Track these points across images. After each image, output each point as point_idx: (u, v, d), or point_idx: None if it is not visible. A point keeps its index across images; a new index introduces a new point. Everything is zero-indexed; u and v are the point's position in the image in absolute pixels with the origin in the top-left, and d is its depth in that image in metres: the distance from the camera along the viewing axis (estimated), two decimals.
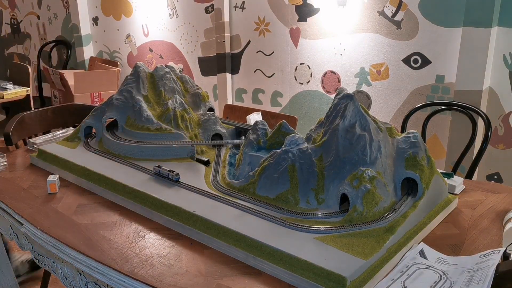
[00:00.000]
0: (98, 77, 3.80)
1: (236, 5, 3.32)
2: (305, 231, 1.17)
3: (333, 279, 1.01)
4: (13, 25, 5.14)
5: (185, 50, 3.72)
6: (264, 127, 1.51)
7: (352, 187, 1.19)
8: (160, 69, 1.87)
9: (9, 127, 2.01)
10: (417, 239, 1.20)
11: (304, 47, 3.04)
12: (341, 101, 1.34)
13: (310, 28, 2.98)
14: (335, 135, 1.29)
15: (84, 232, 1.27)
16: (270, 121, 2.32)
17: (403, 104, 2.71)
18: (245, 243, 1.15)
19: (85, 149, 1.72)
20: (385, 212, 1.20)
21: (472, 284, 0.99)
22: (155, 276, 1.08)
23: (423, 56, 2.59)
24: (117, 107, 1.77)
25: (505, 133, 2.48)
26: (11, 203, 1.44)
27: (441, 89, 2.59)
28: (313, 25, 2.96)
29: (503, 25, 2.34)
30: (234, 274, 1.09)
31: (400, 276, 1.05)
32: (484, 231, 1.26)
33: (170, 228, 1.29)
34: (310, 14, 2.96)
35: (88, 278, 1.21)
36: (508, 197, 1.44)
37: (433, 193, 1.30)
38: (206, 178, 1.47)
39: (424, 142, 1.34)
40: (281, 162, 1.30)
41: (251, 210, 1.26)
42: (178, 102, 1.76)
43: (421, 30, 2.57)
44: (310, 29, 2.98)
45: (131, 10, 4.00)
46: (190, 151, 1.61)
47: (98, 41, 4.40)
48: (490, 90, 2.46)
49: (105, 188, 1.47)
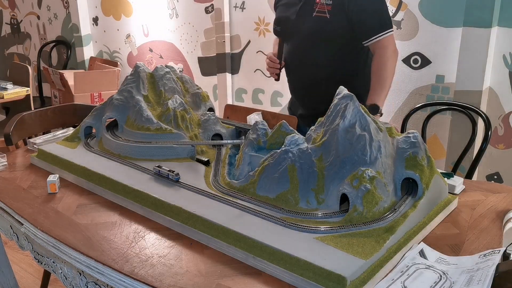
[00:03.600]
0: (98, 77, 3.80)
1: (236, 5, 3.32)
2: (305, 231, 1.17)
3: (333, 279, 1.01)
4: (13, 25, 5.14)
5: (185, 50, 3.72)
6: (264, 127, 1.50)
7: (352, 187, 1.19)
8: (160, 69, 1.86)
9: (9, 127, 2.01)
10: (417, 239, 1.20)
11: None
12: (341, 101, 1.34)
13: None
14: (335, 135, 1.29)
15: (84, 232, 1.27)
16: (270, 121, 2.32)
17: (403, 104, 2.71)
18: (245, 243, 1.15)
19: (85, 149, 1.72)
20: (385, 212, 1.20)
21: (472, 284, 0.99)
22: (155, 276, 1.08)
23: (423, 56, 2.59)
24: (117, 107, 1.77)
25: (505, 133, 2.48)
26: (11, 203, 1.44)
27: (441, 89, 2.59)
28: None
29: (503, 25, 2.34)
30: (234, 274, 1.09)
31: (400, 276, 1.05)
32: (484, 231, 1.26)
33: (170, 228, 1.29)
34: None
35: (88, 278, 1.21)
36: (508, 197, 1.44)
37: (433, 193, 1.30)
38: (206, 178, 1.47)
39: (424, 142, 1.34)
40: (281, 162, 1.30)
41: (251, 210, 1.26)
42: (178, 102, 1.76)
43: (421, 30, 2.56)
44: None
45: (131, 10, 4.00)
46: (190, 151, 1.61)
47: (98, 41, 4.39)
48: (490, 90, 2.46)
49: (105, 188, 1.47)
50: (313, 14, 1.83)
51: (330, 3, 1.79)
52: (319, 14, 1.81)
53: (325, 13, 1.80)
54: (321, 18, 1.81)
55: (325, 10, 1.79)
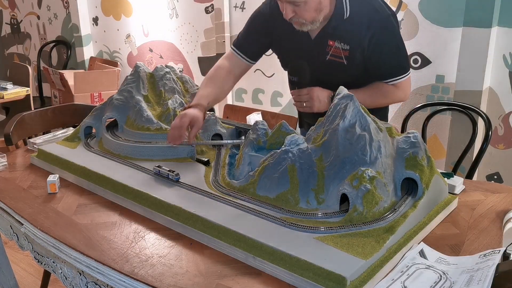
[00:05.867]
0: (98, 77, 3.80)
1: (236, 5, 3.32)
2: (305, 231, 1.17)
3: (333, 279, 1.01)
4: (13, 25, 5.14)
5: (185, 50, 3.72)
6: (264, 127, 1.50)
7: (352, 187, 1.19)
8: (160, 69, 1.87)
9: (9, 127, 2.01)
10: (417, 239, 1.20)
11: None
12: (341, 101, 1.34)
13: None
14: (335, 135, 1.29)
15: (84, 232, 1.27)
16: (270, 121, 2.32)
17: (403, 104, 2.71)
18: (245, 243, 1.15)
19: (85, 149, 1.72)
20: (385, 212, 1.20)
21: (472, 284, 0.99)
22: (155, 276, 1.08)
23: (423, 56, 2.59)
24: (117, 107, 1.77)
25: (505, 133, 2.48)
26: (11, 203, 1.44)
27: (441, 89, 2.59)
28: None
29: (503, 25, 2.34)
30: (234, 274, 1.09)
31: (400, 276, 1.05)
32: (484, 231, 1.26)
33: (170, 228, 1.29)
34: None
35: (88, 278, 1.21)
36: (508, 197, 1.44)
37: (433, 193, 1.30)
38: (206, 178, 1.47)
39: (424, 142, 1.34)
40: (281, 162, 1.30)
41: (251, 210, 1.26)
42: (178, 102, 1.76)
43: (421, 30, 2.57)
44: None
45: (131, 10, 4.00)
46: (190, 151, 1.61)
47: (98, 41, 4.40)
48: (490, 90, 2.46)
49: (105, 188, 1.47)
50: (327, 58, 1.66)
51: (348, 48, 1.62)
52: (334, 59, 1.65)
53: (341, 58, 1.63)
54: (336, 63, 1.65)
55: (342, 56, 1.63)
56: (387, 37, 1.62)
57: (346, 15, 1.59)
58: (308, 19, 1.55)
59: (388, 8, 1.63)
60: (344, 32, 1.61)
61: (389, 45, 1.63)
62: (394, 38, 1.64)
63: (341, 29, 1.61)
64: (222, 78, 1.77)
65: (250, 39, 1.80)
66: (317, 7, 1.54)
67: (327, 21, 1.62)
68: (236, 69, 1.81)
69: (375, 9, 1.59)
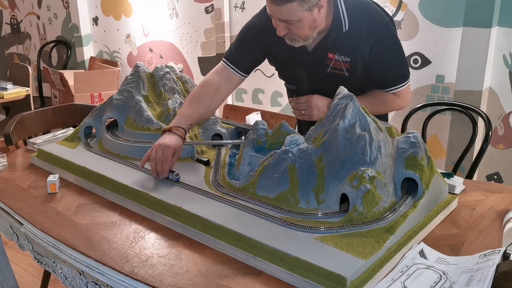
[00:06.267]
0: (98, 77, 3.80)
1: (236, 5, 3.32)
2: (305, 231, 1.17)
3: (333, 279, 1.01)
4: (13, 25, 5.14)
5: (185, 50, 3.72)
6: (264, 127, 1.50)
7: (352, 187, 1.19)
8: (160, 69, 1.87)
9: (9, 127, 2.01)
10: (417, 239, 1.20)
11: None
12: (341, 101, 1.34)
13: None
14: (335, 135, 1.29)
15: (84, 232, 1.27)
16: (270, 121, 2.32)
17: None
18: (245, 243, 1.15)
19: (85, 149, 1.72)
20: (385, 212, 1.20)
21: (472, 284, 0.99)
22: (155, 276, 1.08)
23: (423, 56, 2.59)
24: (117, 107, 1.77)
25: (505, 133, 2.48)
26: (11, 203, 1.44)
27: (441, 89, 2.59)
28: None
29: (503, 25, 2.34)
30: (234, 274, 1.09)
31: (400, 276, 1.05)
32: (484, 231, 1.26)
33: (170, 228, 1.29)
34: None
35: (88, 278, 1.21)
36: (508, 197, 1.44)
37: (433, 193, 1.30)
38: (206, 178, 1.47)
39: (424, 142, 1.34)
40: (281, 162, 1.30)
41: (251, 210, 1.26)
42: (178, 102, 1.76)
43: (421, 30, 2.57)
44: None
45: (131, 10, 4.00)
46: (190, 151, 1.61)
47: (98, 41, 4.40)
48: (490, 90, 2.46)
49: (105, 188, 1.47)
50: (328, 71, 1.63)
51: (348, 61, 1.59)
52: (335, 71, 1.63)
53: (342, 71, 1.61)
54: (337, 75, 1.63)
55: (343, 68, 1.61)
56: (387, 46, 1.60)
57: (345, 28, 1.56)
58: (302, 36, 1.52)
59: (386, 14, 1.62)
60: (345, 45, 1.59)
61: (389, 53, 1.61)
62: (394, 46, 1.62)
63: (341, 42, 1.59)
64: (209, 96, 1.65)
65: (243, 52, 1.73)
66: (311, 25, 1.50)
67: (324, 34, 1.59)
68: (226, 84, 1.70)
69: (374, 17, 1.57)
